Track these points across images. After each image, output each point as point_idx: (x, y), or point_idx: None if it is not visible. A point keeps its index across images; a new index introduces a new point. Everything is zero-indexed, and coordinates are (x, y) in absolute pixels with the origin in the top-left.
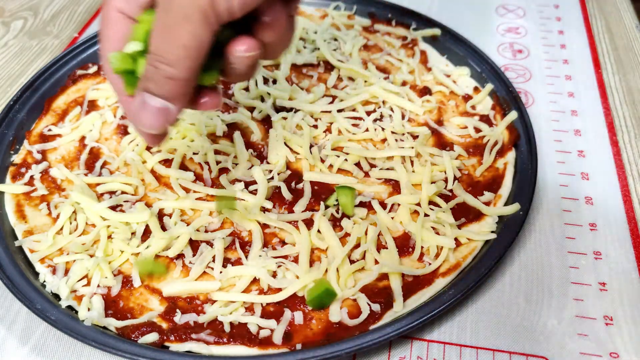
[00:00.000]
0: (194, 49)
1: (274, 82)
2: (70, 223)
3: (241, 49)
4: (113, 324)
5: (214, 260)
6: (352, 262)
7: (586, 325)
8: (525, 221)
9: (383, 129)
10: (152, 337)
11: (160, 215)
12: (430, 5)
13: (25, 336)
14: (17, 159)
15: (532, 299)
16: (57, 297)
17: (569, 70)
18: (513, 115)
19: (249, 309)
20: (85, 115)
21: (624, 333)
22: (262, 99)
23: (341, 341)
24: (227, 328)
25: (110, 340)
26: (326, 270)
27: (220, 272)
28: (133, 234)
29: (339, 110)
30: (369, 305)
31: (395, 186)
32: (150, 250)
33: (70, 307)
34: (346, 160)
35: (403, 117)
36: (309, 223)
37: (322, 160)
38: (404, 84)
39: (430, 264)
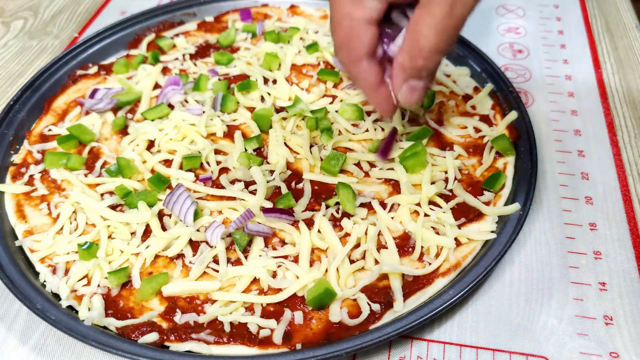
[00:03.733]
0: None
1: (274, 82)
2: (70, 223)
3: None
4: (113, 323)
5: (214, 261)
6: (352, 262)
7: (586, 325)
8: (525, 221)
9: (383, 129)
10: (152, 337)
11: (160, 215)
12: None
13: (25, 336)
14: (17, 159)
15: (532, 299)
16: (57, 297)
17: (569, 70)
18: (513, 115)
19: (249, 308)
20: (85, 115)
21: (624, 333)
22: (262, 99)
23: (341, 341)
24: (227, 328)
25: (110, 340)
26: (326, 270)
27: (217, 271)
28: (133, 234)
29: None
30: (369, 305)
31: (395, 186)
32: (150, 250)
33: (70, 307)
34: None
35: (403, 117)
36: (309, 223)
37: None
38: None
39: (430, 263)
